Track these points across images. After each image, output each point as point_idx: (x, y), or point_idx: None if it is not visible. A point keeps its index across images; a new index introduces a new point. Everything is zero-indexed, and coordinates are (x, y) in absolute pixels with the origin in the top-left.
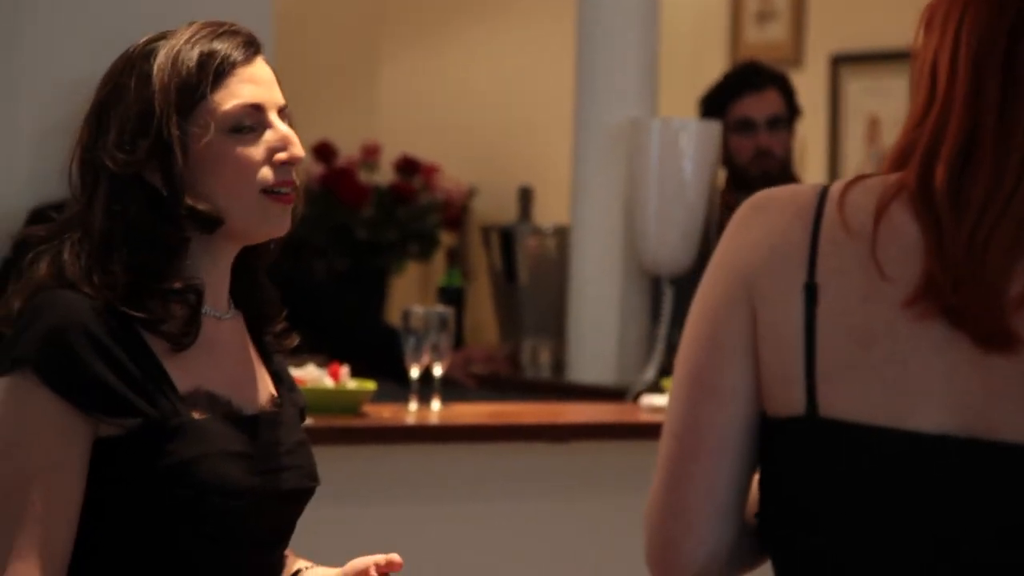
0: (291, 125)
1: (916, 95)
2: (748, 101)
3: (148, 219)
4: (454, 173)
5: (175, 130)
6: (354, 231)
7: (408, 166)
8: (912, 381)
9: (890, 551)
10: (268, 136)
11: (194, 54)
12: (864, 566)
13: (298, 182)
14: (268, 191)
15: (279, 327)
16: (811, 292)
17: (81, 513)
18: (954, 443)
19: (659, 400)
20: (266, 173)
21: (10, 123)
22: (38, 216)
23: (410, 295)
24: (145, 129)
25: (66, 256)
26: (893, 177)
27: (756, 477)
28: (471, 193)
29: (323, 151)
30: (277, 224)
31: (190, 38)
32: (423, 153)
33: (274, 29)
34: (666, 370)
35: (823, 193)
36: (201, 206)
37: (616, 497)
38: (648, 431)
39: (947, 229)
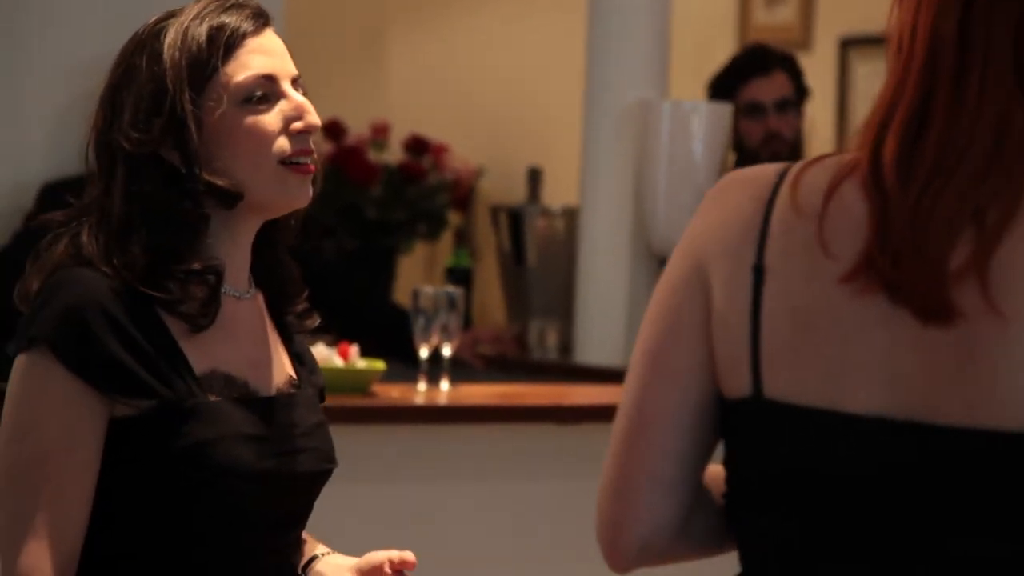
0: (305, 95)
1: (887, 74)
2: (756, 84)
3: (166, 198)
4: (463, 153)
5: (188, 105)
6: (363, 210)
7: (417, 145)
8: (851, 361)
9: (831, 533)
10: (283, 106)
11: (203, 29)
12: (808, 547)
13: (316, 153)
14: (286, 161)
15: (300, 307)
16: (759, 274)
17: (95, 493)
18: (891, 426)
19: None
20: (283, 143)
21: (21, 100)
22: (49, 192)
23: (417, 275)
24: (159, 107)
25: (84, 238)
26: (849, 155)
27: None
28: (480, 173)
29: (332, 129)
30: (297, 195)
31: (198, 14)
32: (432, 132)
33: (284, 7)
34: None
35: (784, 174)
36: (220, 181)
37: None
38: None
39: (892, 199)
